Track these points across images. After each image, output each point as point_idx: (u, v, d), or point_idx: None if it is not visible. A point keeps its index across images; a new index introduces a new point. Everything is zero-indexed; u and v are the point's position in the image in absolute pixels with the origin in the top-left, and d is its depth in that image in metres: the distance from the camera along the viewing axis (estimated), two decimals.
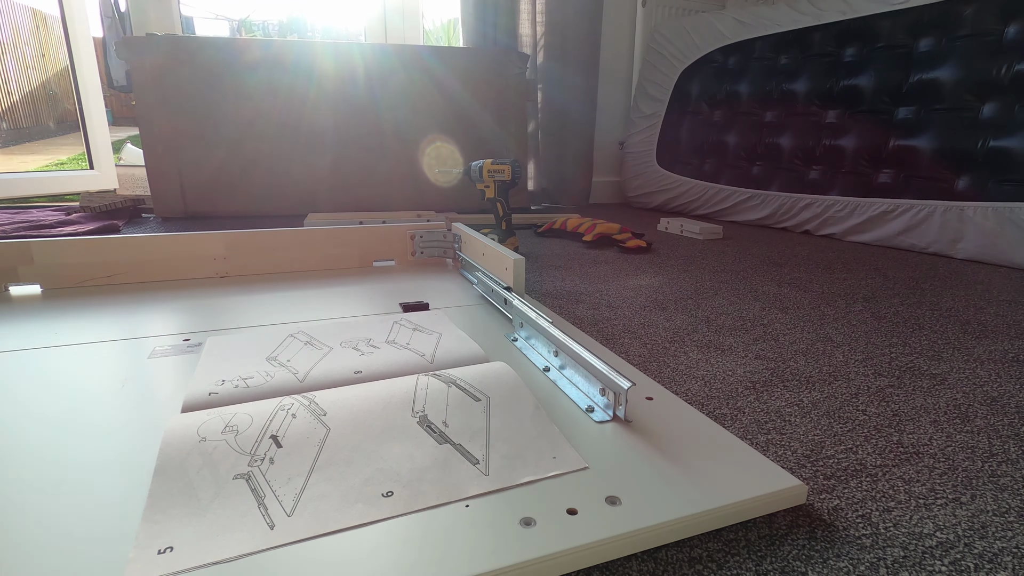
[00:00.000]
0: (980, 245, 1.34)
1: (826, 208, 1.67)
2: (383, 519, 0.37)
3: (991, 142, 1.33)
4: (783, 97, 1.80)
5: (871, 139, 1.58)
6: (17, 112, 2.85)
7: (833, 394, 0.62)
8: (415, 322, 0.73)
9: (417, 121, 1.91)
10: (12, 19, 2.63)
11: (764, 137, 1.84)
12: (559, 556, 0.34)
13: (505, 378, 0.53)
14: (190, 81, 1.72)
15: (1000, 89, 1.33)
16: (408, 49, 1.90)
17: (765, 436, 0.53)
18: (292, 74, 1.79)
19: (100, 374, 0.58)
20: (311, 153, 1.86)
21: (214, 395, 0.52)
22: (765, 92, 1.85)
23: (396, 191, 1.94)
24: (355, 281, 0.97)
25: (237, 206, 1.85)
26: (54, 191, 2.25)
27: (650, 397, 0.55)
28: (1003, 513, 0.43)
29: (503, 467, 0.42)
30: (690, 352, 0.73)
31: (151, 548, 0.33)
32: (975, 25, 1.37)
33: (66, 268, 0.89)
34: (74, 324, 0.73)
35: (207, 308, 0.81)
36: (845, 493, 0.44)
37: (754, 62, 1.89)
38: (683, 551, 0.37)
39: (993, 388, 0.65)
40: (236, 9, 3.74)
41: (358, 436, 0.44)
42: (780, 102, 1.81)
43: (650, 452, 0.45)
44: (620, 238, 1.45)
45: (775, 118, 1.82)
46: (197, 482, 0.39)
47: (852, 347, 0.76)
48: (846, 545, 0.39)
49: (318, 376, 0.56)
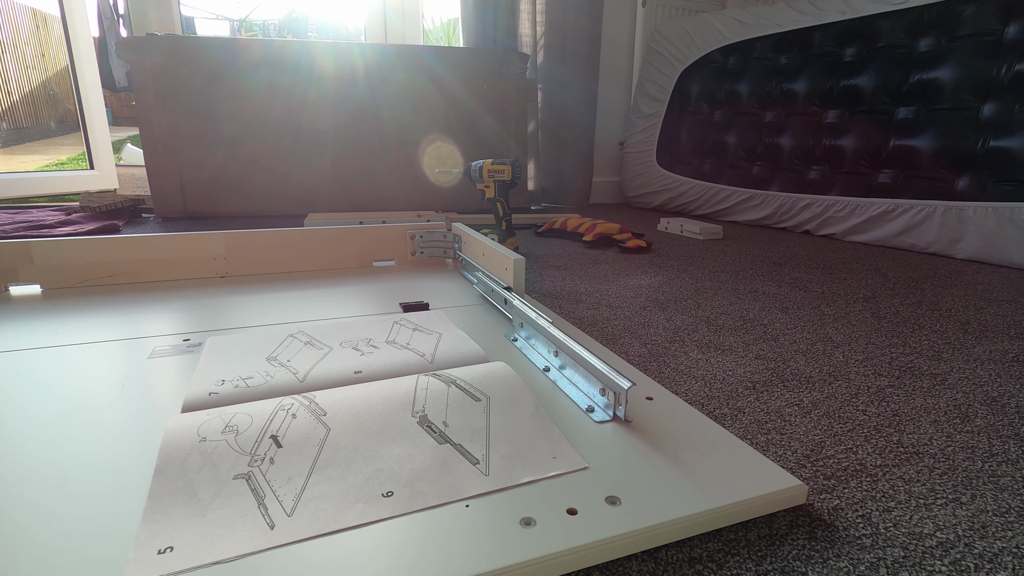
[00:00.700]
0: (980, 245, 1.34)
1: (826, 208, 1.67)
2: (383, 519, 0.37)
3: (991, 142, 1.33)
4: (783, 97, 1.80)
5: (871, 139, 1.58)
6: (17, 112, 2.85)
7: (833, 394, 0.62)
8: (415, 322, 0.72)
9: (417, 121, 1.91)
10: (12, 19, 2.63)
11: (764, 137, 1.84)
12: (559, 556, 0.34)
13: (505, 378, 0.53)
14: (190, 81, 1.72)
15: (1000, 89, 1.33)
16: (408, 49, 1.90)
17: (765, 436, 0.53)
18: (292, 74, 1.79)
19: (100, 374, 0.58)
20: (311, 153, 1.86)
21: (214, 395, 0.52)
22: (765, 92, 1.85)
23: (396, 191, 1.94)
24: (355, 281, 0.97)
25: (237, 206, 1.85)
26: (54, 191, 2.25)
27: (650, 397, 0.55)
28: (1003, 513, 0.43)
29: (503, 467, 0.42)
30: (690, 352, 0.73)
31: (151, 548, 0.33)
32: (975, 25, 1.37)
33: (66, 268, 0.89)
34: (74, 324, 0.73)
35: (207, 308, 0.81)
36: (845, 493, 0.44)
37: (754, 62, 1.89)
38: (683, 551, 0.37)
39: (993, 388, 0.65)
40: (236, 9, 3.74)
41: (358, 436, 0.44)
42: (780, 102, 1.81)
43: (650, 452, 0.45)
44: (620, 238, 1.45)
45: (775, 118, 1.82)
46: (197, 482, 0.39)
47: (852, 347, 0.76)
48: (846, 545, 0.39)
49: (318, 376, 0.56)
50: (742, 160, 1.91)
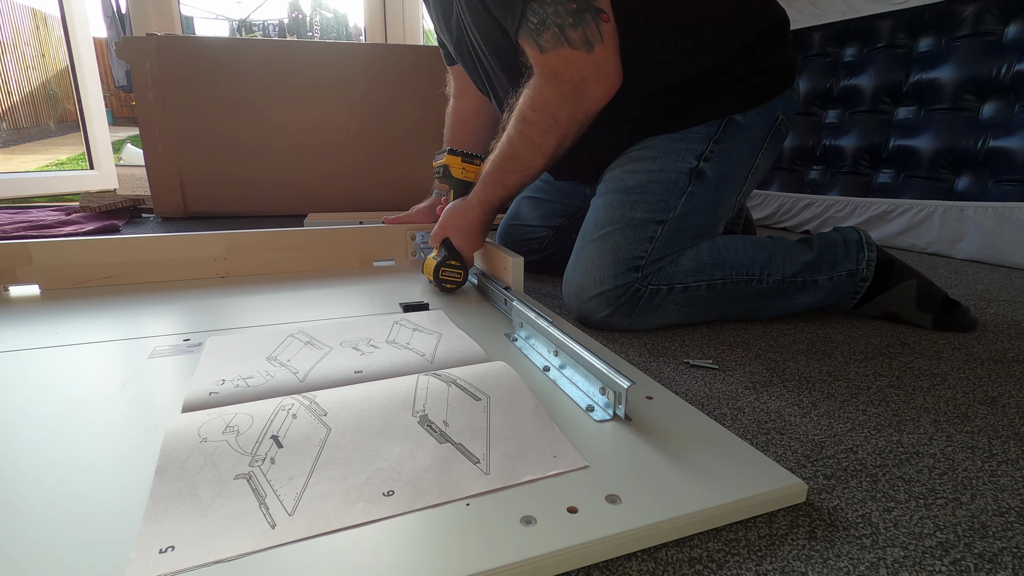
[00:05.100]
0: (980, 245, 1.34)
1: (826, 208, 1.67)
2: (384, 518, 0.37)
3: (991, 142, 1.33)
4: None
5: (871, 139, 1.59)
6: (17, 112, 2.85)
7: (833, 394, 0.62)
8: (415, 322, 0.73)
9: (417, 121, 1.91)
10: (12, 19, 2.63)
11: None
12: (559, 554, 0.34)
13: (505, 377, 0.54)
14: (190, 81, 1.72)
15: (1000, 89, 1.33)
16: (408, 49, 1.90)
17: (765, 436, 0.53)
18: (292, 74, 1.79)
19: (100, 374, 0.58)
20: (311, 153, 1.86)
21: (214, 395, 0.52)
22: None
23: (396, 191, 1.94)
24: (355, 281, 0.97)
25: (237, 206, 1.85)
26: (54, 191, 2.25)
27: (650, 396, 0.55)
28: (1003, 513, 0.43)
29: (503, 466, 0.42)
30: (690, 351, 0.73)
31: (152, 547, 0.33)
32: (975, 25, 1.37)
33: (65, 269, 0.89)
34: (74, 324, 0.73)
35: (207, 308, 0.81)
36: (845, 493, 0.44)
37: None
38: (683, 551, 0.37)
39: (993, 388, 0.65)
40: (236, 9, 3.74)
41: (359, 436, 0.44)
42: None
43: (650, 451, 0.45)
44: None
45: None
46: (198, 482, 0.39)
47: (852, 347, 0.76)
48: (846, 545, 0.39)
49: (318, 376, 0.56)
50: None
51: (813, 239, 0.86)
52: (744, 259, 0.81)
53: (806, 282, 0.83)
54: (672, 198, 0.79)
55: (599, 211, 0.82)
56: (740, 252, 0.81)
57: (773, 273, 0.81)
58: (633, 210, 0.79)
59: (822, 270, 0.83)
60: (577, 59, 0.72)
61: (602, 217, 0.81)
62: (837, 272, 0.83)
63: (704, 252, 0.80)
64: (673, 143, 0.81)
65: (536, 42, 0.73)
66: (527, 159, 0.81)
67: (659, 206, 0.79)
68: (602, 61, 0.74)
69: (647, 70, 0.78)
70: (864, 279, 0.83)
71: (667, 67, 0.79)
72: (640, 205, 0.79)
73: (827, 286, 0.83)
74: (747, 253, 0.81)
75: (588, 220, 0.84)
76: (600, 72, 0.74)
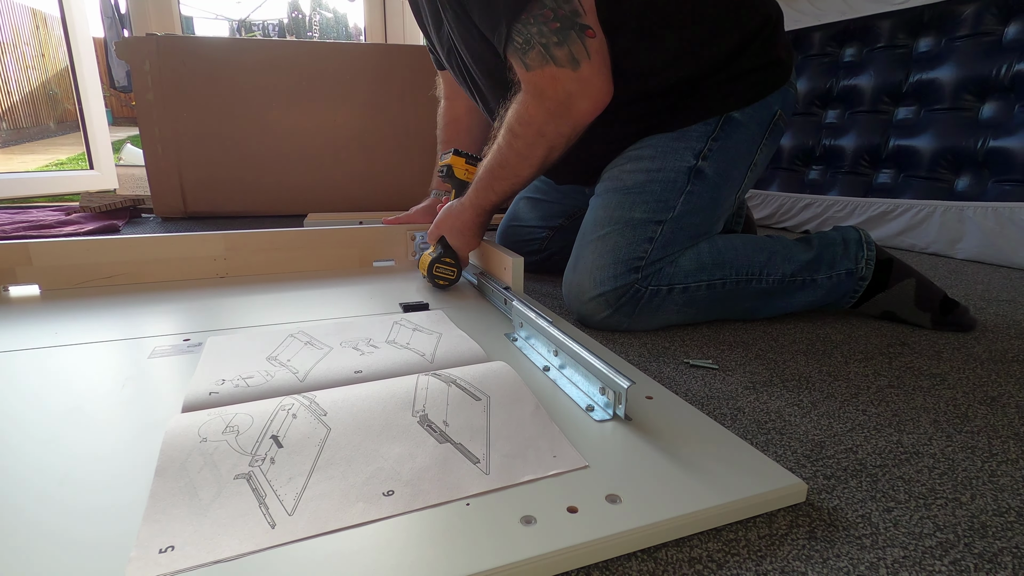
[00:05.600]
0: (980, 245, 1.34)
1: (826, 208, 1.67)
2: (384, 518, 0.37)
3: (991, 142, 1.33)
4: None
5: (871, 139, 1.59)
6: (17, 112, 2.85)
7: (833, 394, 0.62)
8: (415, 322, 0.73)
9: (417, 121, 1.91)
10: (12, 19, 2.63)
11: None
12: (559, 554, 0.34)
13: (505, 377, 0.54)
14: (190, 81, 1.72)
15: (1000, 89, 1.33)
16: (408, 49, 1.90)
17: (765, 436, 0.53)
18: (292, 74, 1.79)
19: (100, 374, 0.58)
20: (311, 153, 1.86)
21: (214, 395, 0.52)
22: None
23: (396, 191, 1.94)
24: (355, 281, 0.97)
25: (237, 206, 1.85)
26: (54, 191, 2.25)
27: (650, 396, 0.55)
28: (1003, 513, 0.43)
29: (503, 466, 0.42)
30: (690, 351, 0.73)
31: (152, 547, 0.33)
32: (975, 25, 1.37)
33: (65, 269, 0.89)
34: (74, 324, 0.73)
35: (207, 308, 0.81)
36: (845, 493, 0.44)
37: None
38: (683, 551, 0.37)
39: (993, 388, 0.65)
40: (236, 9, 3.75)
41: (359, 436, 0.44)
42: None
43: (650, 450, 0.45)
44: None
45: None
46: (198, 482, 0.39)
47: (852, 347, 0.76)
48: (846, 545, 0.39)
49: (318, 376, 0.56)
50: None
51: (812, 238, 0.86)
52: (744, 259, 0.81)
53: (805, 281, 0.83)
54: (671, 198, 0.79)
55: (598, 211, 0.82)
56: (740, 252, 0.81)
57: (772, 272, 0.81)
58: (632, 210, 0.79)
59: (821, 269, 0.83)
60: (562, 77, 0.72)
61: (601, 217, 0.81)
62: (836, 271, 0.83)
63: (704, 252, 0.80)
64: (671, 142, 0.81)
65: (522, 60, 0.73)
66: (515, 168, 0.81)
67: (658, 206, 0.79)
68: (589, 77, 0.73)
69: (642, 70, 0.78)
70: (863, 278, 0.84)
71: (663, 67, 0.79)
72: (639, 205, 0.79)
73: (826, 285, 0.83)
74: (746, 253, 0.81)
75: (587, 220, 0.84)
76: (587, 88, 0.74)
